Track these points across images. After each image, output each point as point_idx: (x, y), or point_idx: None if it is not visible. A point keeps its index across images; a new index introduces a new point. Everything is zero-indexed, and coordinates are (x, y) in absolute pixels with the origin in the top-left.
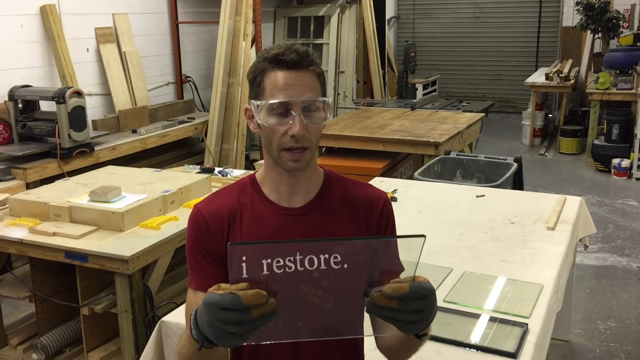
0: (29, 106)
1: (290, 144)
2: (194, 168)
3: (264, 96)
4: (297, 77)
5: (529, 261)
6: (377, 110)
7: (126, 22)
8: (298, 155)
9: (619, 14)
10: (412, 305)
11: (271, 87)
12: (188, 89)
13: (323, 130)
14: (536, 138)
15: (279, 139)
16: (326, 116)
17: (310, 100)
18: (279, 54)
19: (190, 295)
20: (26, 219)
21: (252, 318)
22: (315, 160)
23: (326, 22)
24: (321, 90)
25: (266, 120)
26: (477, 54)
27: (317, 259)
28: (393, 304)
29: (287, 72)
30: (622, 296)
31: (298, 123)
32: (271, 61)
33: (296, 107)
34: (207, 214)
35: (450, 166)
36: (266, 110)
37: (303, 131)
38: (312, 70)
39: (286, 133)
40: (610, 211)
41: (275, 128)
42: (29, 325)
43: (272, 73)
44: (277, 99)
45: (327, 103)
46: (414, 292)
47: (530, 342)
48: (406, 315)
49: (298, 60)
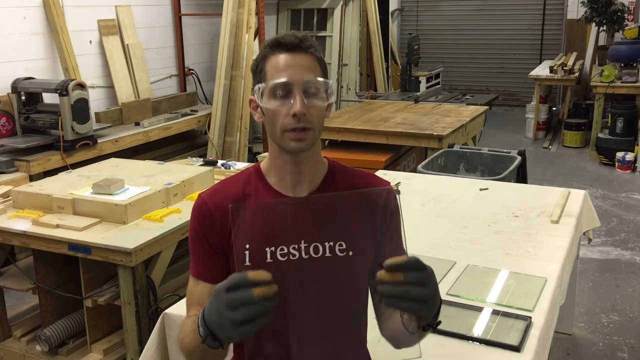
0: (32, 98)
1: (292, 124)
2: (197, 161)
3: (266, 80)
4: (296, 58)
5: (532, 254)
6: (380, 103)
7: (129, 14)
8: (301, 134)
9: (624, 7)
10: (415, 276)
11: (272, 70)
12: (191, 82)
13: (326, 122)
14: (540, 131)
15: (282, 121)
16: (328, 99)
17: (311, 80)
18: (278, 38)
19: (191, 283)
20: (29, 211)
21: (256, 300)
22: (319, 150)
23: (329, 15)
24: (322, 73)
25: (268, 103)
26: (481, 47)
27: (322, 247)
28: (398, 277)
29: (286, 54)
30: (626, 290)
31: (299, 102)
32: (271, 46)
33: (297, 87)
34: (211, 204)
35: (454, 159)
36: (268, 92)
37: (304, 109)
38: (311, 52)
39: (288, 114)
40: (614, 204)
41: (277, 110)
42: (32, 317)
43: (272, 57)
44: (277, 80)
45: (328, 85)
46: (412, 263)
47: (533, 336)
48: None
49: (297, 43)
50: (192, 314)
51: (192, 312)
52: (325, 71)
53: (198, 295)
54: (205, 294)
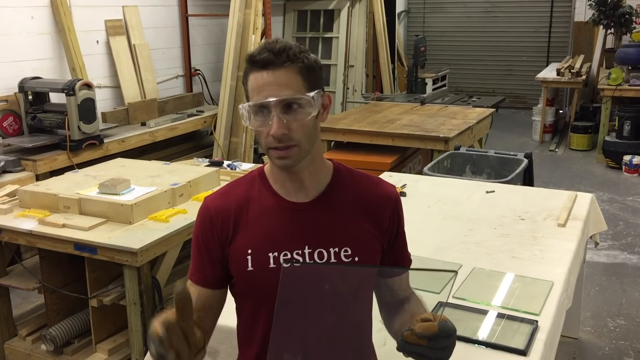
0: (39, 98)
1: (274, 143)
2: (203, 161)
3: (249, 99)
4: (271, 75)
5: (539, 258)
6: (386, 105)
7: (136, 15)
8: (283, 152)
9: (632, 10)
10: (440, 343)
11: (251, 90)
12: (197, 82)
13: (331, 123)
14: (547, 134)
15: (264, 140)
16: (313, 110)
17: (287, 98)
18: (253, 54)
19: (188, 282)
20: (36, 211)
21: None
22: (319, 155)
23: (336, 16)
24: (304, 84)
25: (252, 122)
26: (488, 49)
27: (326, 253)
28: (422, 342)
29: (261, 72)
30: (632, 294)
31: (275, 123)
32: (249, 62)
33: (274, 108)
34: (213, 209)
35: (460, 161)
36: (249, 113)
37: (282, 130)
38: (288, 66)
39: (269, 134)
40: (621, 208)
41: (258, 130)
42: (38, 316)
43: (251, 75)
44: (253, 101)
45: (309, 98)
46: (442, 331)
47: (540, 340)
48: (434, 353)
49: (271, 59)
50: None
51: None
52: (314, 78)
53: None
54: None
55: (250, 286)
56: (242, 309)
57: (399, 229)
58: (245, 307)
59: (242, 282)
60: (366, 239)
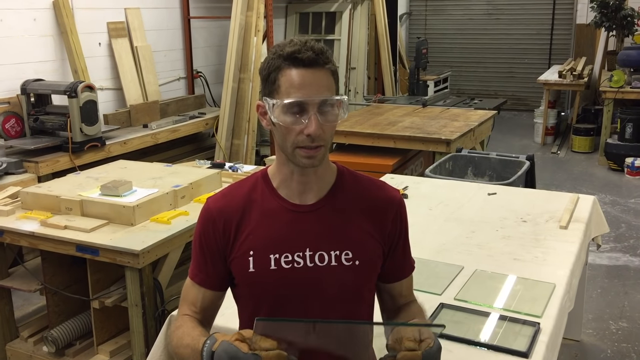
0: (41, 100)
1: (305, 142)
2: (205, 163)
3: (279, 94)
4: (313, 75)
5: (541, 260)
6: (388, 107)
7: (138, 17)
8: (312, 152)
9: (634, 12)
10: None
11: (287, 86)
12: (199, 84)
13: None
14: (548, 136)
15: (294, 137)
16: (343, 113)
17: (327, 99)
18: (295, 51)
19: (188, 282)
20: (38, 212)
21: None
22: (327, 157)
23: (338, 18)
24: (336, 88)
25: (281, 118)
26: (490, 51)
27: (327, 256)
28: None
29: (303, 71)
30: (634, 296)
31: (314, 123)
32: (286, 58)
33: (312, 107)
34: (215, 210)
35: (462, 164)
36: (281, 108)
37: (319, 131)
38: (327, 68)
39: (302, 132)
40: (623, 210)
41: (290, 127)
42: (39, 318)
43: (287, 71)
44: (293, 98)
45: (342, 101)
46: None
47: (542, 342)
48: None
49: (315, 59)
50: (185, 312)
51: (185, 310)
52: (338, 83)
53: (193, 296)
54: (199, 297)
55: (252, 287)
56: (244, 311)
57: (402, 233)
58: (246, 308)
59: (243, 283)
60: (368, 243)
